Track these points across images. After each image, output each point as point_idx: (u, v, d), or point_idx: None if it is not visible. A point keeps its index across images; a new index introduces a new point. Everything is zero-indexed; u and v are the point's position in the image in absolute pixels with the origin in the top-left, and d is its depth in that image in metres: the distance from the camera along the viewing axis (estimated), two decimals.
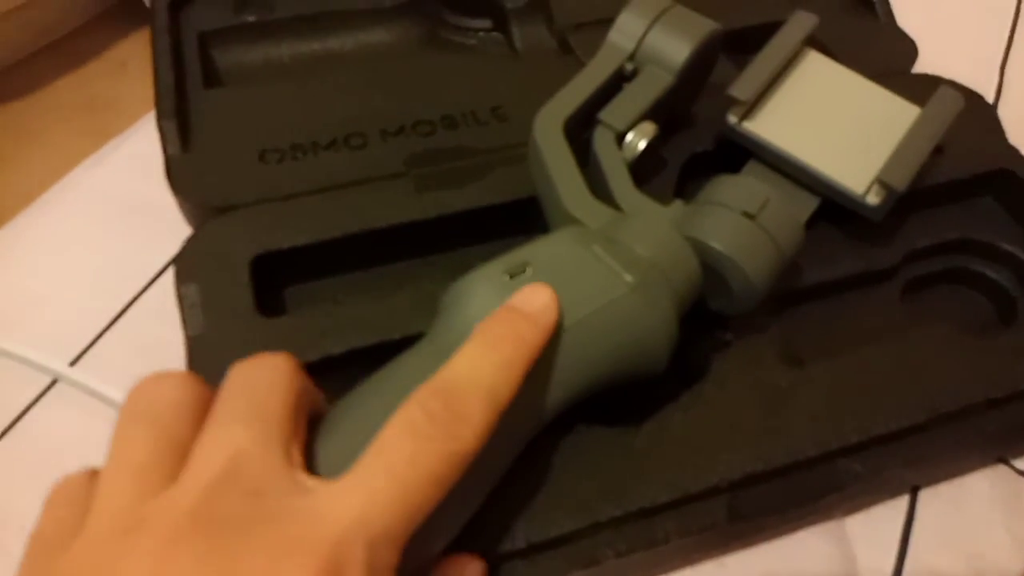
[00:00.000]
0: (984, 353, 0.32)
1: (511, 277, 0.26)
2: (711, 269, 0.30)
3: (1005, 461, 0.34)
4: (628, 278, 0.26)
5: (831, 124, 0.35)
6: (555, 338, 0.25)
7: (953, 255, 0.37)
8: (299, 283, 0.35)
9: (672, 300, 0.28)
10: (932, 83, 0.41)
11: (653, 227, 0.29)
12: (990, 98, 0.47)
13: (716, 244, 0.29)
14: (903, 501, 0.33)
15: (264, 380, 0.21)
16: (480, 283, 0.26)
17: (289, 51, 0.44)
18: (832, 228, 0.36)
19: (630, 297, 0.26)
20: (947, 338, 0.32)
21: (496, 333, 0.23)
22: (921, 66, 0.44)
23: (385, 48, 0.46)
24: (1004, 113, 0.42)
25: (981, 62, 0.50)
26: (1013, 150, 0.38)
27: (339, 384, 0.31)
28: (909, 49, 0.43)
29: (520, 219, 0.36)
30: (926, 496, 0.33)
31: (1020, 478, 0.34)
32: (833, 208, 0.35)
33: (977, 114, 0.39)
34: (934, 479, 0.33)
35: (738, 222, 0.30)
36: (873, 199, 0.33)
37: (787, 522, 0.30)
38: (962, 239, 0.37)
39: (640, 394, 0.29)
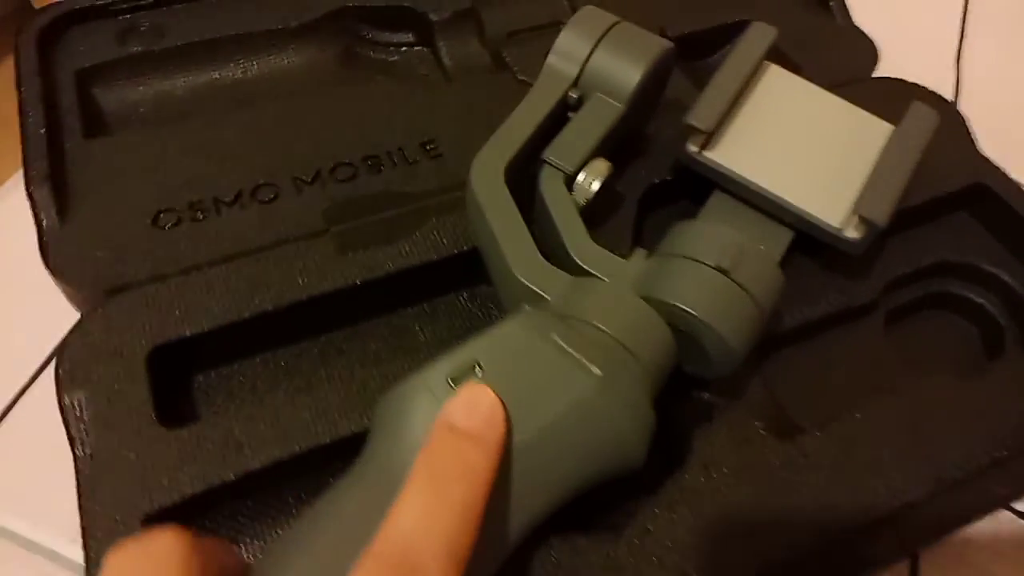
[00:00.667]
0: (984, 403, 0.29)
1: (456, 384, 0.21)
2: (683, 334, 0.26)
3: (1008, 507, 0.31)
4: (595, 370, 0.22)
5: (800, 148, 0.32)
6: (517, 452, 0.21)
7: (933, 280, 0.35)
8: (209, 369, 0.30)
9: (645, 385, 0.24)
10: (897, 87, 0.38)
11: (616, 297, 0.25)
12: (949, 95, 0.45)
13: (688, 307, 0.25)
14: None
15: None
16: (420, 397, 0.21)
17: (184, 85, 0.38)
18: (805, 260, 0.33)
19: (600, 395, 0.22)
20: (944, 390, 0.29)
21: (442, 470, 0.19)
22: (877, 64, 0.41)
23: (296, 73, 0.41)
24: (964, 109, 0.39)
25: (936, 58, 0.47)
26: (986, 162, 0.36)
27: (263, 506, 0.27)
28: (869, 50, 0.40)
29: (462, 273, 0.32)
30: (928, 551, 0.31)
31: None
32: (806, 238, 0.32)
33: (947, 124, 0.36)
34: (937, 539, 0.30)
35: (711, 280, 0.26)
36: (853, 233, 0.30)
37: None
38: (940, 262, 0.34)
39: (618, 488, 0.25)
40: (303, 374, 0.30)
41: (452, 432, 0.20)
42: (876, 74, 0.40)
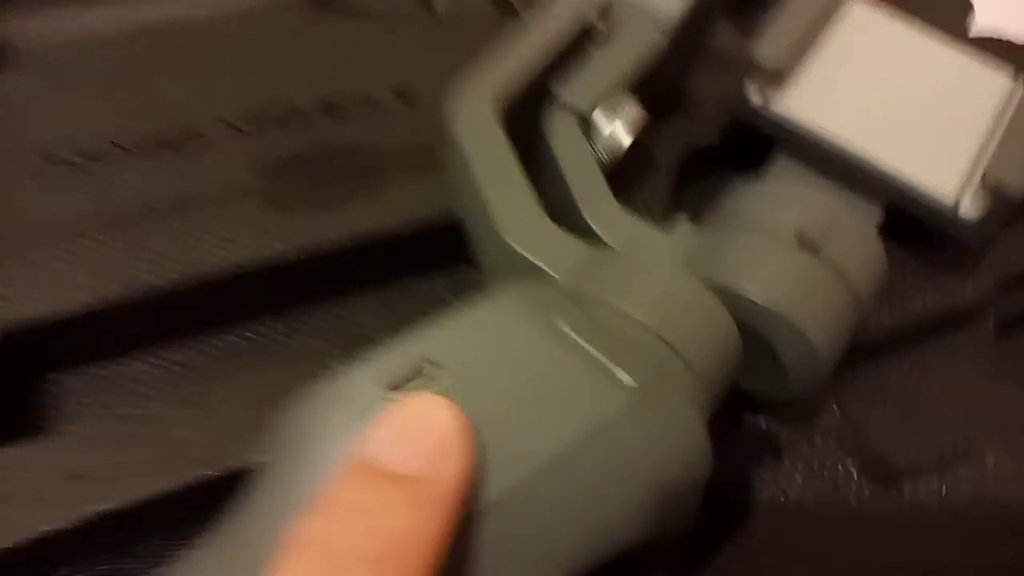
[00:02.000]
0: None
1: (396, 391, 0.13)
2: (747, 333, 0.18)
3: None
4: (625, 379, 0.14)
5: (894, 101, 0.24)
6: (495, 508, 0.13)
7: None
8: (72, 368, 0.21)
9: (699, 405, 0.16)
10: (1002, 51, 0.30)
11: (656, 272, 0.17)
12: None
13: (760, 297, 0.17)
14: None
15: None
16: (334, 413, 0.13)
17: (98, 17, 0.30)
18: (893, 248, 0.25)
19: (634, 413, 0.14)
20: None
21: (340, 543, 0.11)
22: None
23: (246, 14, 0.33)
24: None
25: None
26: None
27: (120, 565, 0.19)
28: (963, 6, 0.32)
29: (437, 251, 0.24)
30: None
31: None
32: (895, 219, 0.24)
33: None
34: None
35: (794, 260, 0.18)
36: (971, 211, 0.22)
37: None
38: None
39: (648, 561, 0.16)
40: (205, 377, 0.21)
41: (368, 475, 0.11)
42: None
